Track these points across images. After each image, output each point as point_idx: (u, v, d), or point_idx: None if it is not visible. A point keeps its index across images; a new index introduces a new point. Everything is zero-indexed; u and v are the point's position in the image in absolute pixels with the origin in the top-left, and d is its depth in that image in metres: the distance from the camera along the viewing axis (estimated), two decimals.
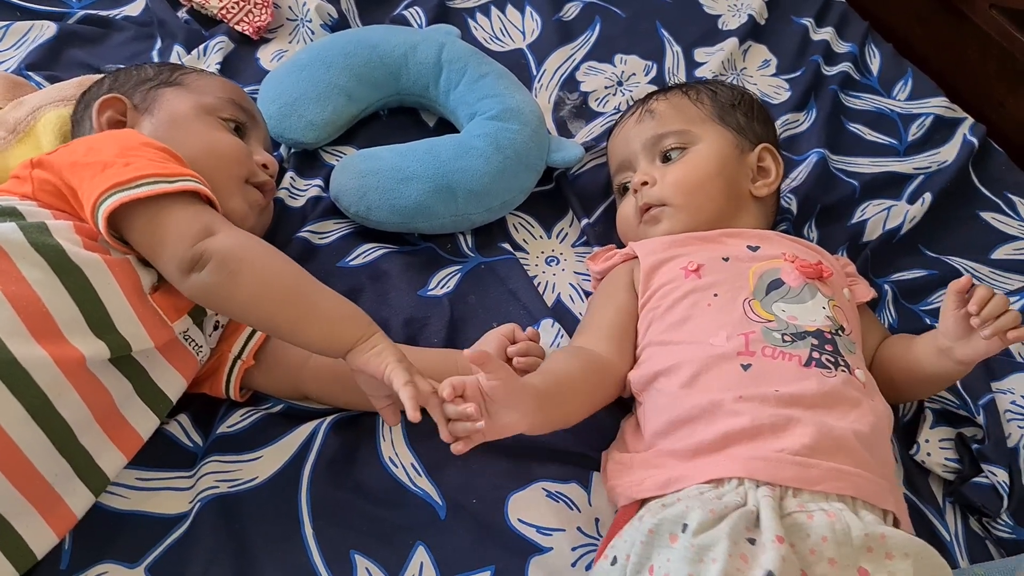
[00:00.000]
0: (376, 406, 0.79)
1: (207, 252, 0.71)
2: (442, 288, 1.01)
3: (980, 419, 0.91)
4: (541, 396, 0.77)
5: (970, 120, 1.34)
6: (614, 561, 0.71)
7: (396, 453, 0.85)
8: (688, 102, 1.04)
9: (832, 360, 0.81)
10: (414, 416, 0.68)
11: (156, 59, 1.22)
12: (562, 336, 0.97)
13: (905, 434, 0.95)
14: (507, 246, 1.07)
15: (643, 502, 0.77)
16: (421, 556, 0.78)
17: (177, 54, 1.21)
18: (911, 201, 1.21)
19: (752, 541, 0.67)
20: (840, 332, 0.85)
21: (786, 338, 0.82)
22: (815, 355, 0.81)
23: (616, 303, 0.93)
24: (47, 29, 1.22)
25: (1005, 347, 0.81)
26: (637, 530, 0.71)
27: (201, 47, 1.23)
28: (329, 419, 0.85)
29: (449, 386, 0.70)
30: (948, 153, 1.29)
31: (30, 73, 1.14)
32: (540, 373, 0.80)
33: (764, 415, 0.76)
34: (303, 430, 0.84)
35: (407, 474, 0.83)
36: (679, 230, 0.96)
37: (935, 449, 0.92)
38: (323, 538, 0.78)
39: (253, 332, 0.87)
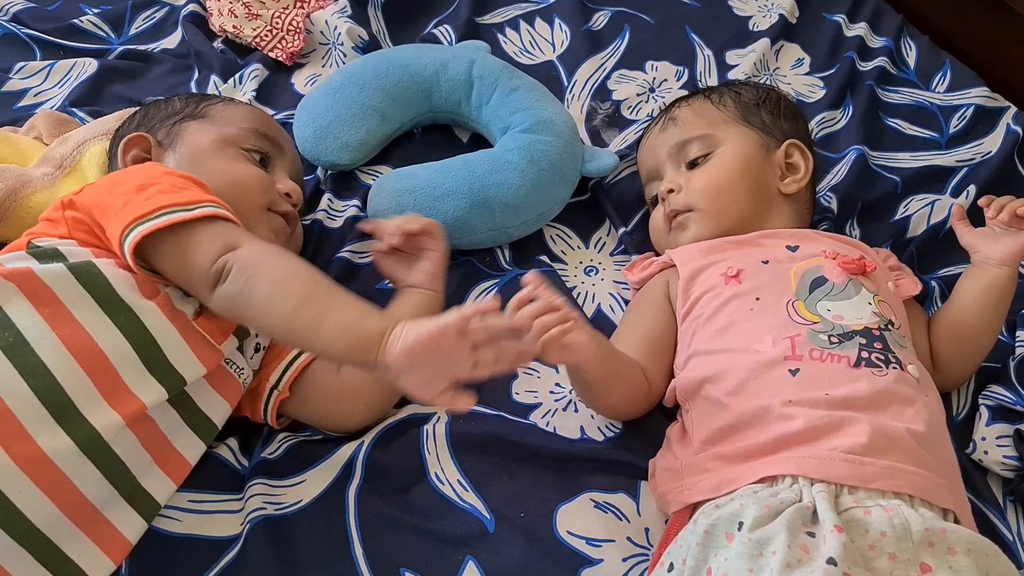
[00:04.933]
0: (439, 403, 0.68)
1: (228, 263, 0.72)
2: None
3: None
4: (600, 339, 0.82)
5: (1013, 109, 1.31)
6: (671, 568, 0.70)
7: (442, 469, 0.85)
8: (710, 106, 1.03)
9: (882, 358, 0.79)
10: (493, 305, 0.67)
11: (194, 89, 1.24)
12: None
13: (960, 433, 0.93)
14: (545, 258, 1.07)
15: (696, 507, 0.76)
16: (471, 571, 0.78)
17: (214, 83, 1.24)
18: (955, 195, 1.18)
19: (811, 535, 0.66)
20: (889, 327, 0.83)
21: (833, 339, 0.80)
22: (864, 355, 0.79)
23: (649, 317, 0.93)
24: (88, 66, 1.26)
25: None
26: (692, 533, 0.70)
27: (237, 75, 1.25)
28: (371, 438, 0.86)
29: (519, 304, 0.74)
30: (992, 144, 1.26)
31: (74, 109, 1.18)
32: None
33: (817, 416, 0.74)
34: (345, 451, 0.85)
35: (454, 490, 0.83)
36: (707, 235, 0.96)
37: (992, 447, 0.90)
38: (373, 556, 0.78)
39: (291, 363, 0.87)
